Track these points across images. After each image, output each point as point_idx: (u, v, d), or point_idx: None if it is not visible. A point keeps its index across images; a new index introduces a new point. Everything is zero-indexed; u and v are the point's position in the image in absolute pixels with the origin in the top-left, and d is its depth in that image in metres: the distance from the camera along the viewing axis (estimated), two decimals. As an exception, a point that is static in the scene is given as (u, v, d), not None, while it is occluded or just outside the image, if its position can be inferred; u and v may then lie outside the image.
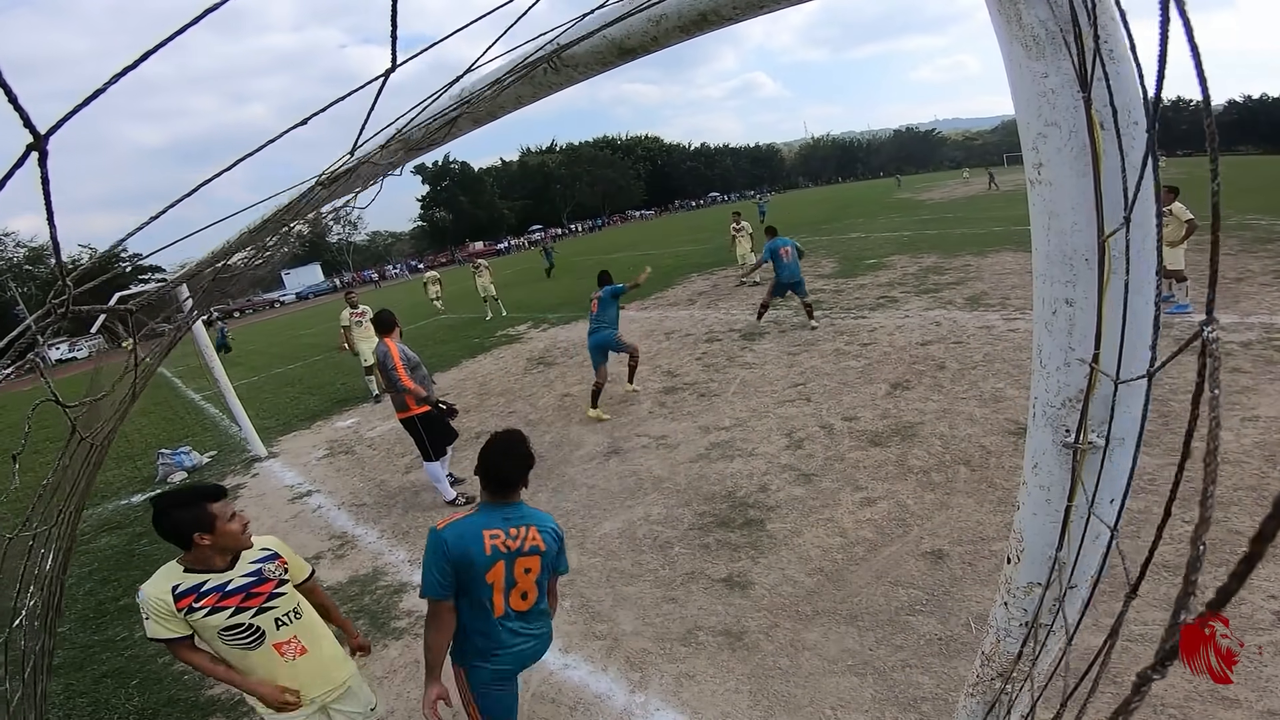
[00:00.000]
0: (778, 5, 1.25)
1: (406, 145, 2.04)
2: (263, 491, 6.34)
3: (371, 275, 54.37)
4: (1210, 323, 0.50)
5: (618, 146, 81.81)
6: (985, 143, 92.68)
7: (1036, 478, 1.13)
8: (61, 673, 3.70)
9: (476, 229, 65.02)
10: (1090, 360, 1.00)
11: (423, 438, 4.74)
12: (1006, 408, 4.94)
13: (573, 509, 4.60)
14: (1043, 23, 0.92)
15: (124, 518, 6.33)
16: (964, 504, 3.77)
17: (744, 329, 8.98)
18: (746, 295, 11.57)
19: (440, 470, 4.96)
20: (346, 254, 62.07)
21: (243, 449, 7.87)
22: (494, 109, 1.94)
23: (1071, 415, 1.05)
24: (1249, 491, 3.33)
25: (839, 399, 5.73)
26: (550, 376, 8.38)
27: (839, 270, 12.57)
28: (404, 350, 4.65)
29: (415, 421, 4.68)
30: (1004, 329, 6.90)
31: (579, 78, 1.66)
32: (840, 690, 2.61)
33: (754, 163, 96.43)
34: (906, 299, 9.09)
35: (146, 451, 8.36)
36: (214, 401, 10.66)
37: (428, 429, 4.73)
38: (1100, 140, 0.92)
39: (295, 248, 4.74)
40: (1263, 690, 2.23)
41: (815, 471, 4.48)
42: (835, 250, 15.58)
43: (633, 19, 1.38)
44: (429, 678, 1.92)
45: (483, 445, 2.04)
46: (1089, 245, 0.97)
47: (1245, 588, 2.68)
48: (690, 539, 3.94)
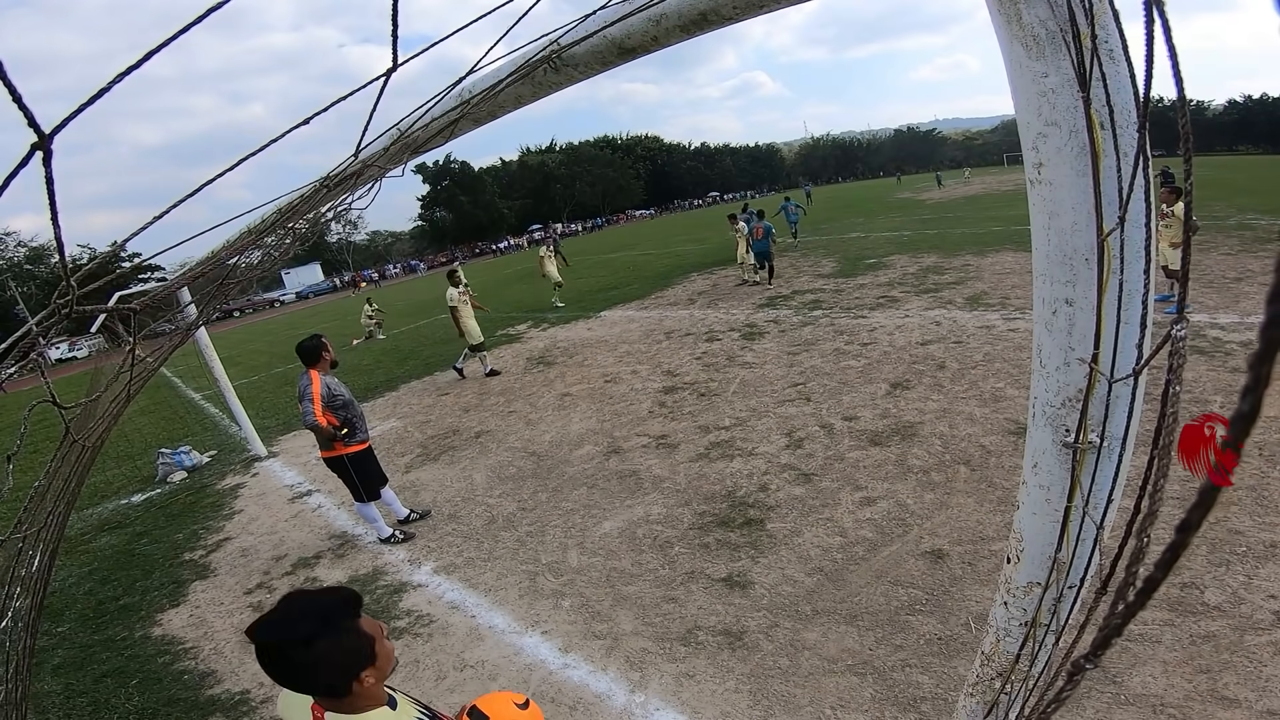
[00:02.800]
0: (778, 5, 1.25)
1: (409, 146, 2.04)
2: (263, 491, 6.35)
3: (371, 275, 54.37)
4: (1180, 322, 0.50)
5: (618, 146, 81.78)
6: (985, 143, 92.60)
7: (1036, 477, 1.13)
8: (61, 673, 3.70)
9: (476, 228, 65.03)
10: (1089, 360, 1.00)
11: (352, 478, 4.33)
12: (1006, 408, 4.94)
13: (573, 509, 4.60)
14: (1043, 22, 0.92)
15: (124, 518, 6.33)
16: (964, 504, 3.78)
17: (744, 329, 8.99)
18: (746, 295, 11.57)
19: (373, 511, 4.54)
20: (346, 253, 62.08)
21: (243, 448, 7.87)
22: (494, 109, 1.94)
23: (1071, 415, 1.05)
24: (1249, 491, 3.34)
25: (839, 399, 5.73)
26: (550, 376, 8.38)
27: (839, 270, 12.57)
28: (329, 384, 4.23)
29: (344, 461, 4.28)
30: (1004, 329, 6.90)
31: (579, 77, 1.66)
32: (840, 690, 2.62)
33: (754, 162, 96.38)
34: (906, 299, 9.09)
35: (146, 451, 8.36)
36: (214, 401, 10.67)
37: (358, 469, 4.33)
38: (1100, 140, 0.92)
39: (295, 248, 4.63)
40: (1263, 690, 2.24)
41: (815, 471, 4.49)
42: (835, 250, 15.58)
43: (633, 19, 1.38)
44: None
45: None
46: (1089, 245, 0.97)
47: (1245, 587, 2.69)
48: (690, 538, 3.94)
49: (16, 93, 0.41)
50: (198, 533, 5.58)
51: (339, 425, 4.23)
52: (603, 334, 10.48)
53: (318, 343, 4.24)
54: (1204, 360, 5.05)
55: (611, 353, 9.01)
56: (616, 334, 10.27)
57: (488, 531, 4.53)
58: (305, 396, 4.11)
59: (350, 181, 2.13)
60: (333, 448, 4.28)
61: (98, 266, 0.98)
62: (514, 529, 4.48)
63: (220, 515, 5.92)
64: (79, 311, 0.79)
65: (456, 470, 5.76)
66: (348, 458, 4.29)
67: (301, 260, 54.21)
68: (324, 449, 4.35)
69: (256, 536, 5.26)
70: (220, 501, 6.31)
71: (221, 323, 36.67)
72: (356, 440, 4.34)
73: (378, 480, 4.57)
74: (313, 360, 4.21)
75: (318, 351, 4.23)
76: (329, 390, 4.20)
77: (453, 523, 4.76)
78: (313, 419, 4.07)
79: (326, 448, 4.32)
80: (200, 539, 5.43)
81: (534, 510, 4.70)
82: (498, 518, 4.70)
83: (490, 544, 4.35)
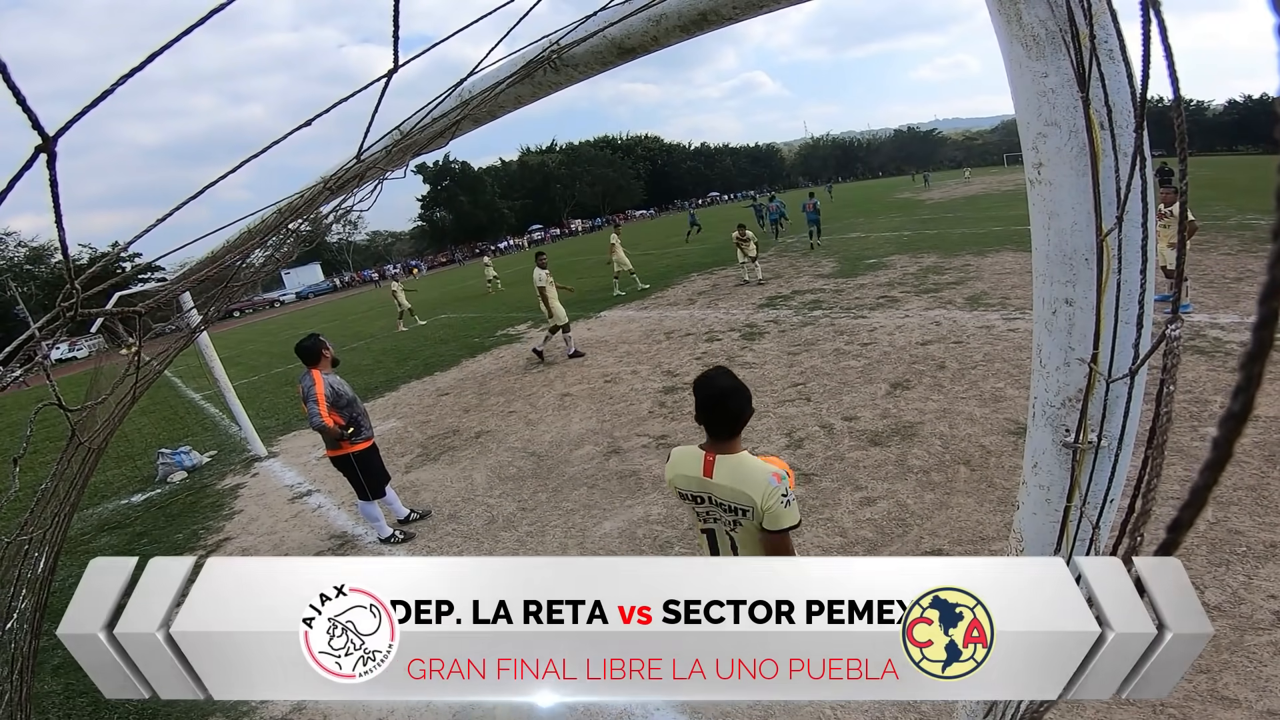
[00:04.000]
0: (778, 5, 1.25)
1: (410, 147, 2.04)
2: (263, 491, 6.35)
3: (371, 275, 54.38)
4: (1175, 321, 0.51)
5: (618, 146, 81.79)
6: (985, 143, 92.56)
7: (1036, 477, 1.14)
8: (61, 673, 3.70)
9: (477, 229, 65.05)
10: (1089, 360, 1.00)
11: (358, 476, 4.36)
12: (1006, 407, 4.94)
13: (573, 509, 4.60)
14: (1042, 22, 0.92)
15: (124, 518, 6.34)
16: (964, 504, 3.78)
17: (744, 329, 8.99)
18: (747, 295, 11.58)
19: (376, 510, 4.56)
20: (346, 254, 62.09)
21: (243, 448, 7.88)
22: (494, 109, 1.94)
23: (1071, 415, 1.05)
24: (1249, 491, 3.34)
25: (839, 399, 5.73)
26: (550, 376, 8.38)
27: (839, 270, 12.58)
28: (332, 383, 4.22)
29: (350, 460, 4.30)
30: (1004, 329, 6.90)
31: (579, 77, 1.66)
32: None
33: (754, 162, 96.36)
34: (906, 299, 9.09)
35: (146, 451, 8.36)
36: (214, 401, 10.67)
37: (363, 467, 4.35)
38: (1099, 140, 0.92)
39: (297, 249, 4.60)
40: (1263, 690, 2.24)
41: (815, 471, 4.49)
42: (835, 250, 15.58)
43: (633, 19, 1.39)
44: None
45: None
46: (1088, 245, 0.97)
47: (1245, 588, 2.69)
48: (690, 538, 3.94)
49: (20, 95, 0.41)
50: (198, 533, 5.59)
51: (344, 424, 4.23)
52: (603, 334, 10.48)
53: (316, 342, 4.22)
54: (1204, 360, 5.05)
55: (611, 353, 9.01)
56: (616, 334, 10.27)
57: (488, 531, 4.53)
58: (310, 398, 4.10)
59: (352, 183, 2.13)
60: (339, 447, 4.28)
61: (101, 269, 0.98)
62: (514, 529, 4.49)
63: (220, 515, 5.92)
64: (83, 314, 0.80)
65: (456, 470, 5.76)
66: (354, 456, 4.29)
67: (301, 260, 54.19)
68: (330, 448, 4.36)
69: (256, 536, 5.26)
70: (220, 502, 6.31)
71: (221, 323, 36.66)
72: (362, 438, 4.35)
73: (382, 478, 4.57)
74: (313, 360, 4.19)
75: (318, 351, 4.21)
76: (333, 390, 4.19)
77: (453, 523, 4.76)
78: (319, 421, 4.06)
79: (333, 447, 4.32)
80: (200, 539, 5.44)
81: (534, 510, 4.70)
82: (498, 518, 4.70)
83: (490, 544, 4.35)
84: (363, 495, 4.46)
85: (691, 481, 1.99)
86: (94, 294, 0.90)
